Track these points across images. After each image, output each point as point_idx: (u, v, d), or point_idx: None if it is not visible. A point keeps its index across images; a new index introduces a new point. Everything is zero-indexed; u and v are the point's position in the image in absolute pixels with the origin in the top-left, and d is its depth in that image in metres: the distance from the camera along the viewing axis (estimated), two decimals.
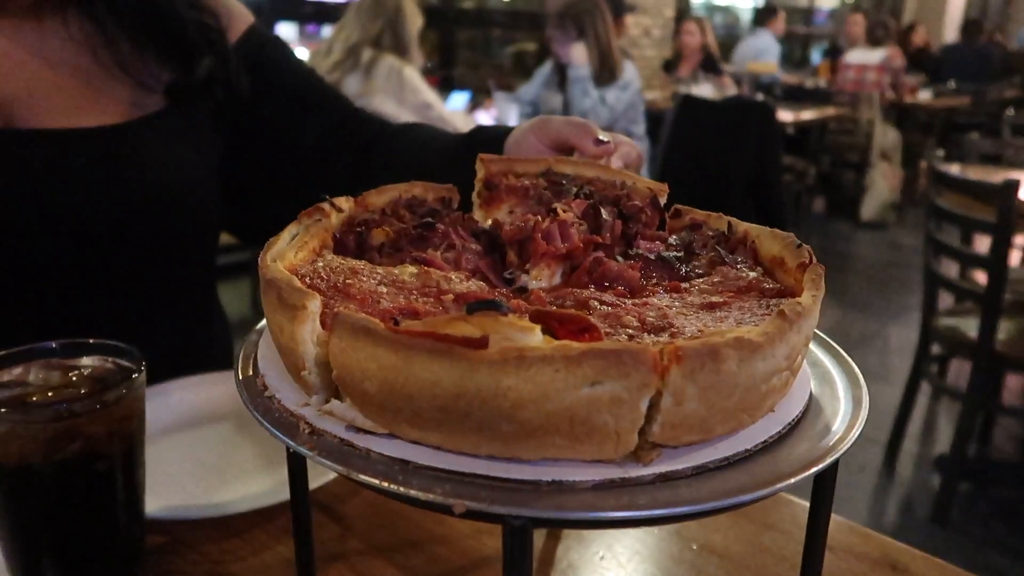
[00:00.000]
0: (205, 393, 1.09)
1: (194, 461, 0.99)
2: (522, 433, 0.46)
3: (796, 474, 0.48)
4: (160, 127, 1.12)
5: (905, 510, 3.17)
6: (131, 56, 1.08)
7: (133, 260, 1.11)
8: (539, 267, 0.66)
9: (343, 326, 0.48)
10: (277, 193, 1.27)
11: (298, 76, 1.28)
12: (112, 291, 1.10)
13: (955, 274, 3.49)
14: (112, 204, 1.05)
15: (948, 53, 10.21)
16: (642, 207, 0.73)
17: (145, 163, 1.09)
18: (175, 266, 1.18)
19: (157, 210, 1.09)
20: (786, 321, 0.51)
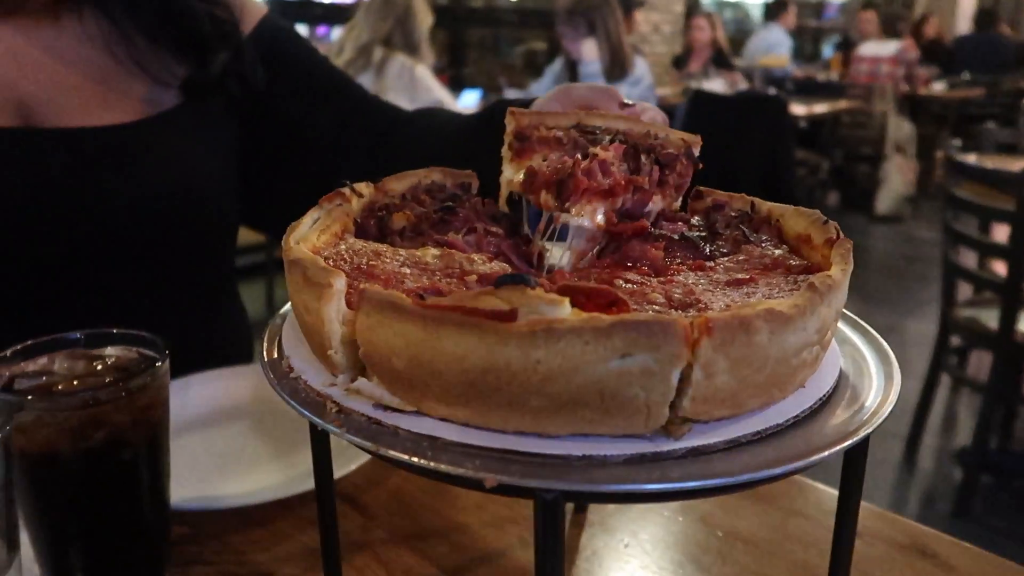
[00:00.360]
0: (226, 386, 1.10)
1: (216, 453, 0.99)
2: (551, 407, 0.45)
3: (828, 448, 0.48)
4: (176, 123, 1.12)
5: (926, 504, 3.14)
6: (147, 52, 1.09)
7: (152, 255, 1.11)
8: (580, 204, 0.65)
9: (370, 303, 0.47)
10: (295, 183, 1.27)
11: (312, 65, 1.28)
12: (132, 286, 1.11)
13: (974, 264, 3.45)
14: (130, 201, 1.05)
15: (961, 44, 10.11)
16: (677, 155, 0.72)
17: (162, 159, 1.09)
18: (194, 260, 1.18)
19: (175, 205, 1.10)
20: (816, 293, 0.50)
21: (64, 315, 1.06)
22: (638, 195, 0.67)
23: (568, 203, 0.65)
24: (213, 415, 1.05)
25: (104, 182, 1.03)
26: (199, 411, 1.05)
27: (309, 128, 1.24)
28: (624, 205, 0.67)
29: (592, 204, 0.65)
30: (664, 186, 0.70)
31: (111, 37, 1.08)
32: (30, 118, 1.01)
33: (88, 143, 1.03)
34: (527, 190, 0.70)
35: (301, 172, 1.26)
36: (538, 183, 0.68)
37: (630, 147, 0.70)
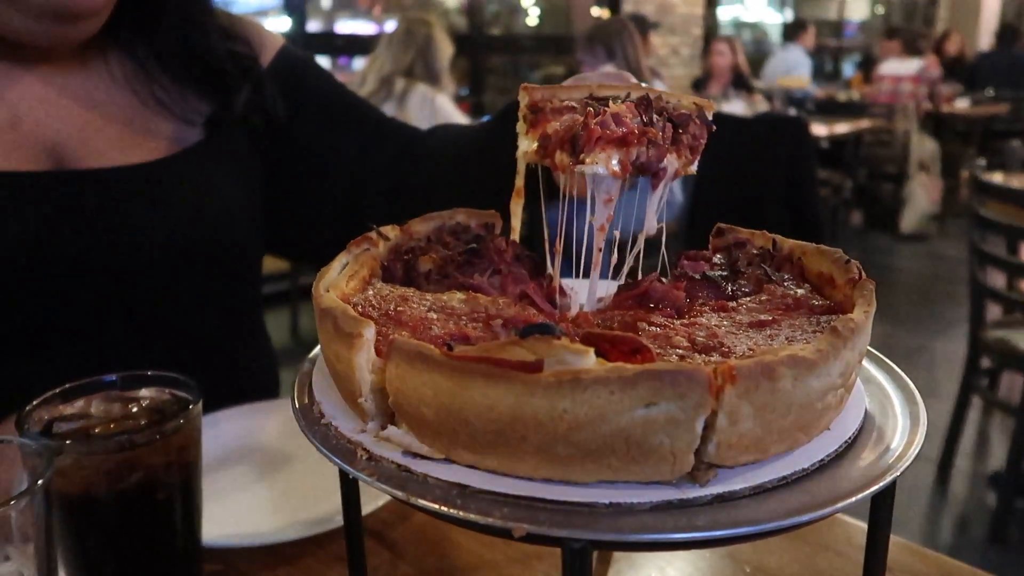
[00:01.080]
0: (255, 422, 1.11)
1: (247, 489, 1.00)
2: (579, 455, 0.46)
3: (856, 493, 0.48)
4: (201, 158, 1.15)
5: (961, 529, 3.08)
6: (170, 92, 1.12)
7: (181, 290, 1.13)
8: (595, 152, 0.64)
9: (399, 353, 0.49)
10: (319, 208, 1.29)
11: (330, 92, 1.30)
12: (162, 322, 1.13)
13: (1002, 284, 3.40)
14: (159, 237, 1.08)
15: (983, 60, 10.04)
16: (690, 115, 0.71)
17: (188, 195, 1.12)
18: (222, 293, 1.20)
19: (202, 239, 1.12)
20: (839, 338, 0.51)
21: (94, 353, 1.08)
22: (653, 150, 0.66)
23: (582, 154, 0.64)
24: (243, 451, 1.07)
25: (133, 219, 1.06)
26: (229, 447, 1.07)
27: (331, 154, 1.27)
28: (639, 158, 0.66)
29: (606, 152, 0.64)
30: (679, 144, 0.69)
31: (136, 78, 1.11)
32: (62, 161, 1.04)
33: (117, 182, 1.06)
34: (542, 155, 0.69)
35: (325, 197, 1.28)
36: (552, 144, 0.68)
37: (642, 101, 0.69)
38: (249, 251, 1.24)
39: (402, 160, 1.26)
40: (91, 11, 0.98)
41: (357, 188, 1.26)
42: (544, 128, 0.71)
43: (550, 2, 9.23)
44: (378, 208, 1.26)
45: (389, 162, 1.26)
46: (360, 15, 8.87)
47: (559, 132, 0.68)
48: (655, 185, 0.68)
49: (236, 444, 1.08)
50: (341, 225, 1.29)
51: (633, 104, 0.69)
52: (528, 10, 9.19)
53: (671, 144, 0.68)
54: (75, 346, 1.08)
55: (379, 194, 1.26)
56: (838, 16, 13.33)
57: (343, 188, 1.27)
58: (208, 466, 0.98)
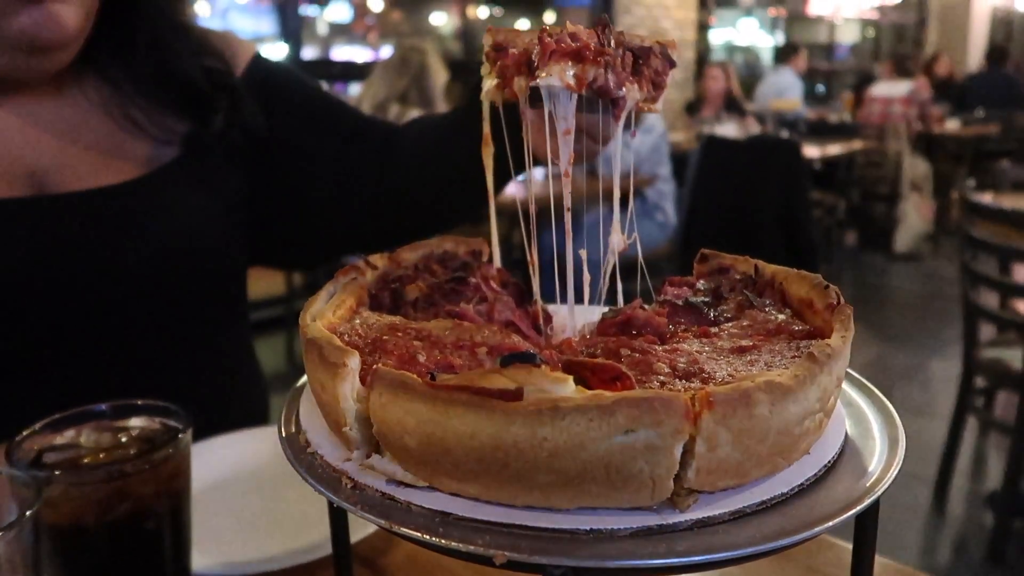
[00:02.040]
0: (245, 449, 1.11)
1: (236, 517, 1.00)
2: (559, 482, 0.47)
3: (835, 516, 0.48)
4: (177, 174, 1.15)
5: (959, 550, 3.07)
6: (148, 114, 1.12)
7: (166, 310, 1.14)
8: (549, 65, 0.63)
9: (382, 382, 0.49)
10: (306, 213, 1.28)
11: (306, 96, 1.30)
12: (148, 345, 1.14)
13: (995, 304, 3.42)
14: (139, 256, 1.08)
15: (973, 81, 10.16)
16: (651, 48, 0.70)
17: (166, 212, 1.12)
18: (205, 311, 1.20)
19: (183, 255, 1.12)
20: (816, 363, 0.51)
21: (80, 378, 1.09)
22: (611, 74, 0.65)
23: (538, 70, 0.64)
24: (233, 478, 1.07)
25: (112, 239, 1.07)
26: (219, 475, 1.07)
27: (312, 157, 1.26)
28: (596, 80, 0.65)
29: (560, 64, 0.63)
30: (640, 76, 0.68)
31: (111, 101, 1.11)
32: (44, 187, 1.05)
33: (95, 205, 1.07)
34: (502, 86, 0.69)
35: (310, 201, 1.27)
36: (510, 72, 0.67)
37: (599, 22, 0.68)
38: (230, 266, 1.24)
39: (382, 156, 1.25)
40: (61, 44, 0.99)
41: (340, 188, 1.26)
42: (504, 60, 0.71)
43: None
44: (363, 206, 1.26)
45: (370, 160, 1.26)
46: (356, 41, 8.96)
47: (516, 56, 0.67)
48: (616, 116, 0.67)
49: (227, 471, 1.08)
50: (328, 227, 1.30)
51: (591, 28, 0.68)
52: None
53: (632, 75, 0.67)
54: (61, 371, 1.08)
55: (362, 192, 1.26)
56: (829, 39, 13.49)
57: (327, 190, 1.26)
58: (199, 493, 0.99)
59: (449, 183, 1.18)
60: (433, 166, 1.20)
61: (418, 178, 1.22)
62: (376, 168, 1.26)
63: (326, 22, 9.08)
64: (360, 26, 9.17)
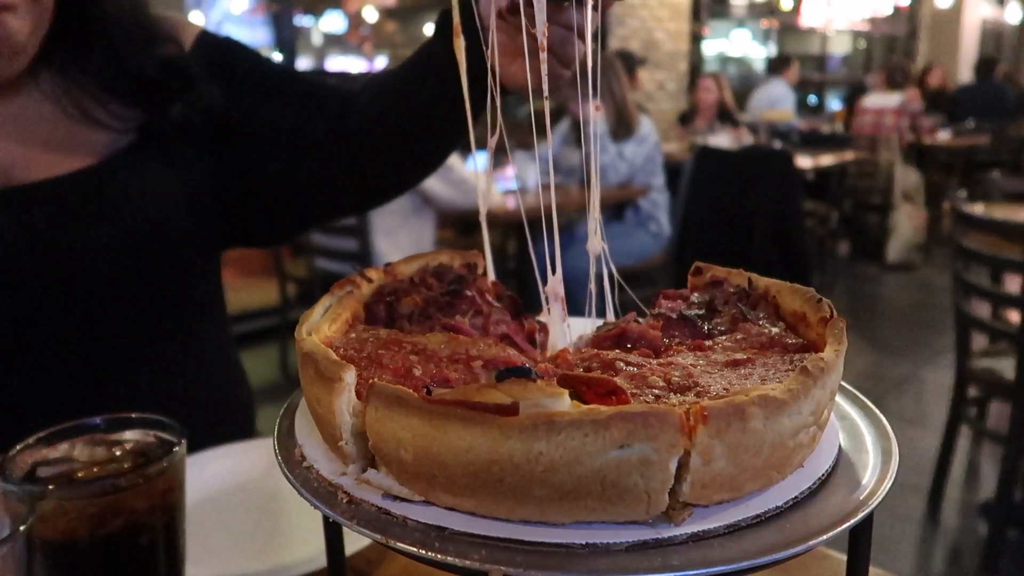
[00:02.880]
0: (239, 462, 1.11)
1: (230, 531, 1.00)
2: (555, 497, 0.47)
3: (829, 530, 0.49)
4: (135, 160, 1.15)
5: (953, 560, 3.07)
6: (105, 106, 1.12)
7: (134, 299, 1.13)
8: None
9: (378, 397, 0.50)
10: (271, 185, 1.27)
11: (257, 67, 1.28)
12: (120, 336, 1.14)
13: (987, 314, 3.44)
14: (101, 242, 1.09)
15: (964, 92, 10.24)
16: None
17: (125, 198, 1.12)
18: (179, 301, 1.20)
19: (145, 241, 1.12)
20: (810, 377, 0.52)
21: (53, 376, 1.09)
22: None
23: None
24: (228, 491, 1.07)
25: (73, 228, 1.08)
26: (213, 488, 1.06)
27: (268, 127, 1.25)
28: None
29: None
30: None
31: (67, 96, 1.11)
32: (10, 180, 1.06)
33: (51, 194, 1.07)
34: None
35: (272, 172, 1.26)
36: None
37: None
38: (199, 249, 1.23)
39: (340, 119, 1.23)
40: (12, 53, 1.01)
41: (302, 156, 1.25)
42: None
43: None
44: (328, 171, 1.25)
45: (329, 125, 1.24)
46: (350, 52, 8.99)
47: None
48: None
49: (221, 484, 1.07)
50: (297, 197, 1.29)
51: None
52: None
53: None
54: (32, 368, 1.08)
55: (325, 157, 1.25)
56: (821, 50, 13.58)
57: (288, 159, 1.25)
58: (192, 506, 0.99)
59: (410, 134, 1.18)
60: (391, 120, 1.19)
61: (379, 135, 1.21)
62: (334, 132, 1.24)
63: (321, 32, 9.10)
64: (355, 37, 9.20)
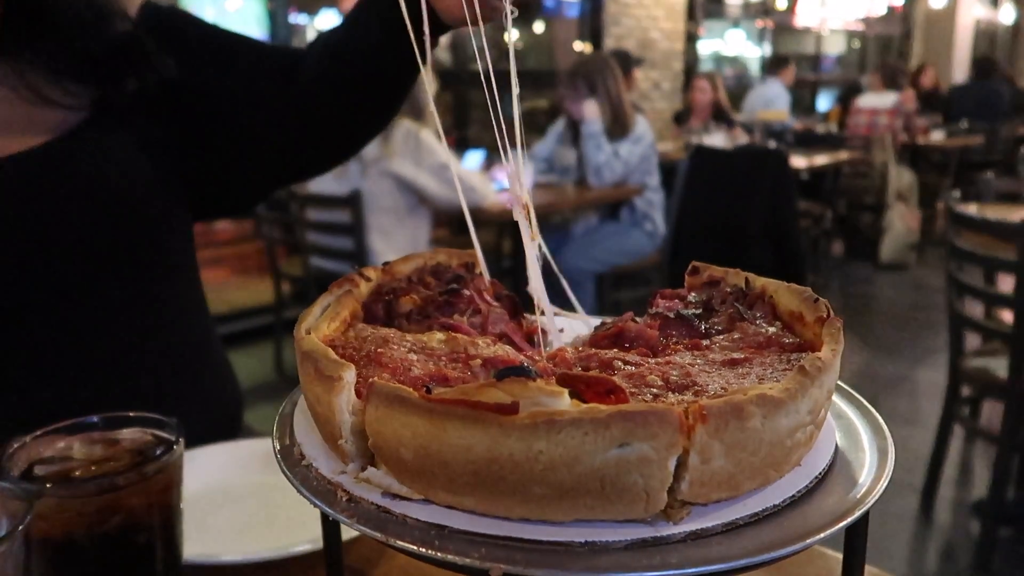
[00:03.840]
0: (237, 459, 1.11)
1: (230, 518, 1.01)
2: (554, 495, 0.47)
3: (826, 528, 0.49)
4: (89, 136, 1.14)
5: (946, 558, 3.09)
6: (57, 86, 1.11)
7: (105, 278, 1.13)
8: None
9: (378, 396, 0.50)
10: (233, 151, 1.27)
11: (204, 33, 1.28)
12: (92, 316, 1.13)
13: (980, 314, 3.45)
14: (66, 218, 1.08)
15: (957, 93, 10.28)
16: None
17: (81, 173, 1.11)
18: (148, 278, 1.19)
19: (112, 213, 1.11)
20: (807, 376, 0.52)
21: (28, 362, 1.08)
22: None
23: None
24: (227, 483, 1.07)
25: (37, 203, 1.06)
26: (210, 484, 1.07)
27: (222, 91, 1.24)
28: None
29: None
30: None
31: (17, 78, 1.09)
32: None
33: (9, 171, 1.06)
34: None
35: (227, 137, 1.25)
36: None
37: None
38: (165, 220, 1.22)
39: (290, 78, 1.23)
40: None
41: (257, 118, 1.24)
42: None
43: (534, 37, 9.38)
44: (285, 133, 1.25)
45: (279, 85, 1.24)
46: None
47: None
48: None
49: (220, 476, 1.08)
50: (255, 160, 1.29)
51: None
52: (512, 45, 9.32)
53: None
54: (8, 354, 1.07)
55: (279, 118, 1.25)
56: (816, 50, 13.61)
57: (244, 122, 1.25)
58: (191, 497, 1.00)
59: (357, 84, 1.20)
60: (339, 72, 1.20)
61: (328, 89, 1.21)
62: (285, 92, 1.24)
63: (316, 31, 9.07)
64: None
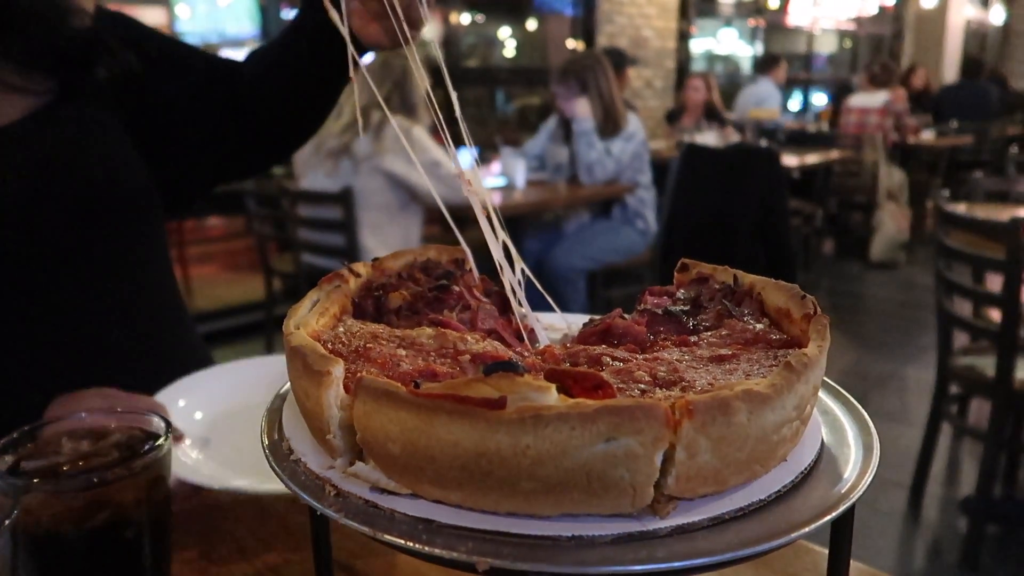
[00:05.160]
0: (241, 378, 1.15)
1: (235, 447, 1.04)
2: (541, 490, 0.47)
3: (811, 522, 0.49)
4: (55, 117, 1.16)
5: (934, 555, 3.11)
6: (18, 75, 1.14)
7: (82, 253, 1.15)
8: None
9: (366, 391, 0.50)
10: (182, 147, 1.32)
11: (157, 41, 1.33)
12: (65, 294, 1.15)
13: (969, 313, 3.48)
14: (30, 196, 1.09)
15: (947, 93, 10.34)
16: None
17: (50, 152, 1.13)
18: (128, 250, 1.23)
19: (76, 194, 1.13)
20: (793, 372, 0.52)
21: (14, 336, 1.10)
22: None
23: None
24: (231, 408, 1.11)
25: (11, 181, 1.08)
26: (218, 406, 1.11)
27: (172, 95, 1.29)
28: None
29: None
30: None
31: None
32: None
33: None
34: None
35: (173, 139, 1.31)
36: None
37: None
38: (141, 201, 1.25)
39: (230, 91, 1.31)
40: None
41: (202, 120, 1.31)
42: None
43: (526, 35, 9.37)
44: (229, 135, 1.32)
45: (220, 95, 1.31)
46: None
47: None
48: None
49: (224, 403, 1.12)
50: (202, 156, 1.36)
51: None
52: (504, 42, 9.32)
53: None
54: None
55: (223, 121, 1.31)
56: (807, 49, 13.65)
57: (188, 126, 1.31)
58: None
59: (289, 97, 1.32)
60: (272, 86, 1.30)
61: (263, 100, 1.31)
62: (226, 101, 1.32)
63: None
64: None
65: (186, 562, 0.90)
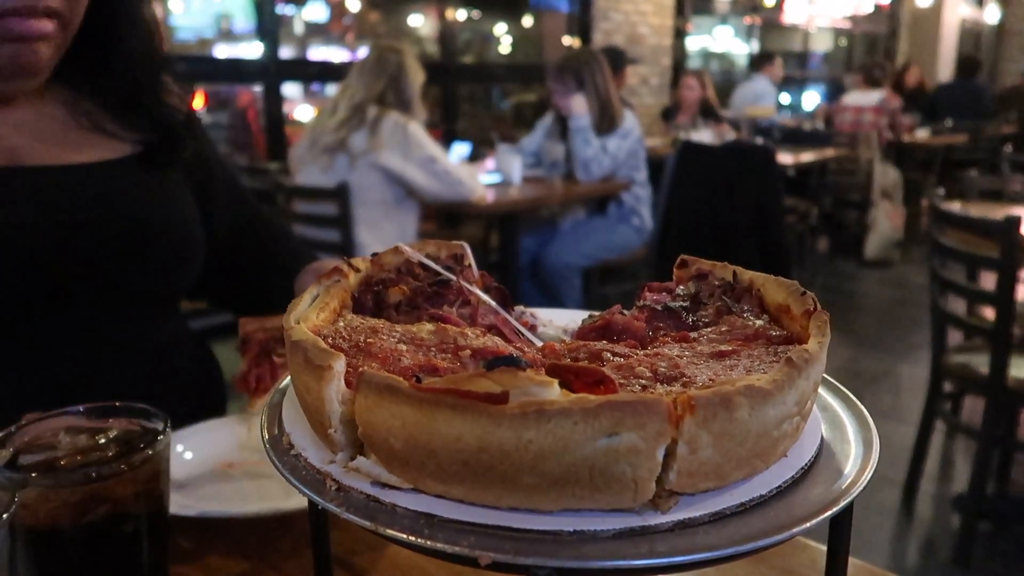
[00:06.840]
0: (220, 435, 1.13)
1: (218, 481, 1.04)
2: (543, 484, 0.47)
3: (811, 518, 0.50)
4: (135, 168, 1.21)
5: (926, 552, 3.12)
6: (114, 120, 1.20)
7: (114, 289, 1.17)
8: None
9: (368, 385, 0.50)
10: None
11: (223, 170, 1.40)
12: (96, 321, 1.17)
13: (963, 310, 3.49)
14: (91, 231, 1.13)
15: (942, 92, 10.36)
16: None
17: (121, 195, 1.17)
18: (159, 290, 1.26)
19: (130, 236, 1.17)
20: (794, 368, 0.53)
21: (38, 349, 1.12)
22: None
23: None
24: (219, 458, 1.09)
25: (70, 211, 1.11)
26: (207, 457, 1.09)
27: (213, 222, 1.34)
28: None
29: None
30: None
31: (79, 111, 1.18)
32: (14, 160, 1.10)
33: (66, 178, 1.12)
34: None
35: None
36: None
37: None
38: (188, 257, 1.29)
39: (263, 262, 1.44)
40: (35, 73, 1.08)
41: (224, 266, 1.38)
42: None
43: (522, 31, 9.35)
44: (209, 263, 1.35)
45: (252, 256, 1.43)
46: (333, 42, 8.91)
47: None
48: None
49: (213, 452, 1.09)
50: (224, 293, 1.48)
51: None
52: (500, 39, 9.30)
53: None
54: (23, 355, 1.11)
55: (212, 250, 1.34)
56: (803, 47, 13.66)
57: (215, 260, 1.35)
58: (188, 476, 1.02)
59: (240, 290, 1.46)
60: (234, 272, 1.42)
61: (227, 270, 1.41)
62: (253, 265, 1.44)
63: (303, 21, 9.01)
64: (337, 26, 9.11)
65: (184, 556, 0.90)
